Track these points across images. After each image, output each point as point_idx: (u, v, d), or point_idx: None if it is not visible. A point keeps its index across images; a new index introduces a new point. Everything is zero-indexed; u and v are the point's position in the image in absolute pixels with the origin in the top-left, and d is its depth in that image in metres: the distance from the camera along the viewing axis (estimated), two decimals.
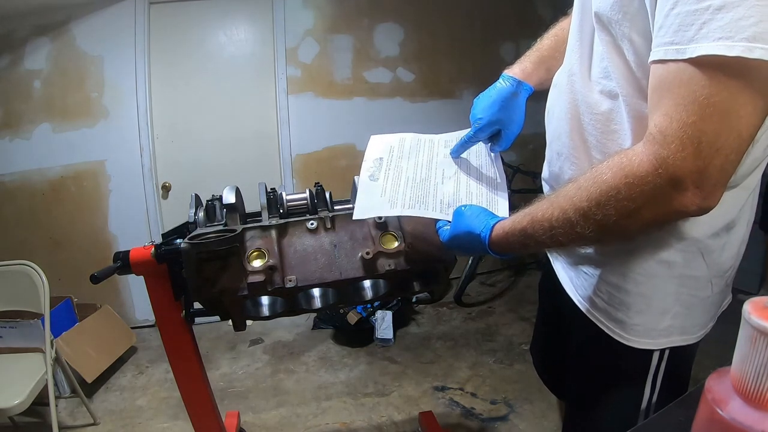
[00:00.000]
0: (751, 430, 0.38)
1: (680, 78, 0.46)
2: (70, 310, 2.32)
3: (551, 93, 0.79)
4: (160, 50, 2.61)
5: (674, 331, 0.69)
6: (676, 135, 0.46)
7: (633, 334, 0.69)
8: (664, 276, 0.66)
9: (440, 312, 2.86)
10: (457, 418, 1.90)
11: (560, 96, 0.73)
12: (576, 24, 0.68)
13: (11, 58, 2.47)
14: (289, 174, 2.86)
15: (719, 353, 0.54)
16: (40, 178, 2.58)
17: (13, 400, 1.51)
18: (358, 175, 1.00)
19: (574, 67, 0.68)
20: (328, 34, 2.81)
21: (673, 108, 0.47)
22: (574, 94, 0.68)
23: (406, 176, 0.88)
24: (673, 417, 0.58)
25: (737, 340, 0.41)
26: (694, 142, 0.46)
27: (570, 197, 0.56)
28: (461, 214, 0.77)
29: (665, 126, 0.47)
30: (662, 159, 0.47)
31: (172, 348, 1.09)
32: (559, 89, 0.74)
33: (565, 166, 0.72)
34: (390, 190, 0.85)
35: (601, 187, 0.52)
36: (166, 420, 1.95)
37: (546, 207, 0.60)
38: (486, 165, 0.92)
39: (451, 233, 0.78)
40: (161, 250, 0.93)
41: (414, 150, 0.94)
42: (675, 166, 0.47)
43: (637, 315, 0.68)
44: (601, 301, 0.72)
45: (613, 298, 0.70)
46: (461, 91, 3.07)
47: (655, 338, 0.69)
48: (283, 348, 2.53)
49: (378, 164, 0.89)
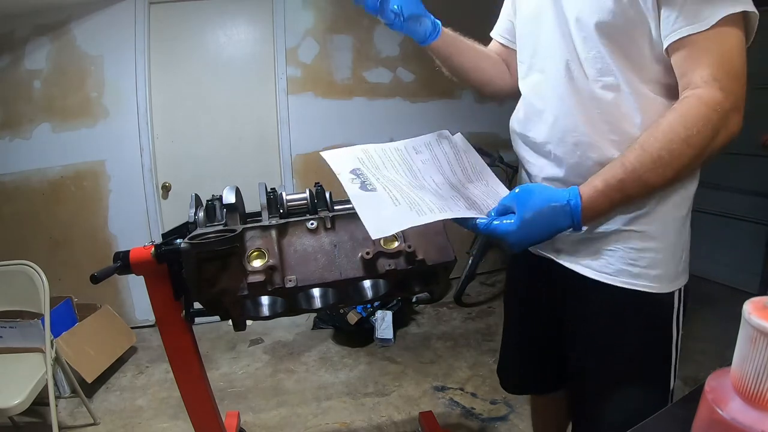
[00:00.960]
0: (751, 430, 0.38)
1: (710, 40, 0.64)
2: (70, 310, 2.32)
3: (530, 100, 0.86)
4: (160, 50, 2.61)
5: (685, 269, 0.84)
6: (723, 75, 0.64)
7: (665, 282, 0.81)
8: (678, 227, 0.81)
9: (440, 312, 2.86)
10: (457, 418, 1.90)
11: (558, 98, 0.80)
12: (557, 36, 0.77)
13: (11, 58, 2.47)
14: (289, 174, 2.86)
15: (719, 353, 0.54)
16: (40, 178, 2.58)
17: (13, 400, 1.51)
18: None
19: (574, 71, 0.76)
20: (328, 34, 2.81)
21: (713, 60, 0.64)
22: (578, 93, 0.77)
23: (400, 183, 0.76)
24: (673, 417, 0.58)
25: (737, 340, 0.41)
26: (733, 76, 0.64)
27: (663, 137, 0.65)
28: (530, 192, 0.69)
29: (713, 73, 0.64)
30: (724, 92, 0.64)
31: (172, 348, 1.09)
32: (553, 92, 0.80)
33: (587, 153, 0.78)
34: (403, 198, 0.72)
35: (696, 117, 0.64)
36: (166, 420, 1.95)
37: (637, 154, 0.66)
38: (467, 163, 0.88)
39: (521, 218, 0.68)
40: (161, 250, 0.93)
41: (386, 159, 0.82)
42: (732, 94, 0.64)
43: (664, 265, 0.81)
44: (634, 268, 0.80)
45: (643, 260, 0.80)
46: (461, 91, 3.07)
47: (676, 280, 0.82)
48: (283, 348, 2.53)
49: (359, 175, 0.76)
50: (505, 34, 1.01)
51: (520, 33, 0.91)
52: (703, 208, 2.99)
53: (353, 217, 0.94)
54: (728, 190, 2.83)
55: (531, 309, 1.07)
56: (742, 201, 2.77)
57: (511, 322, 1.17)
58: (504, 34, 1.02)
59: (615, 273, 0.82)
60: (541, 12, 0.81)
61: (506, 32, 1.01)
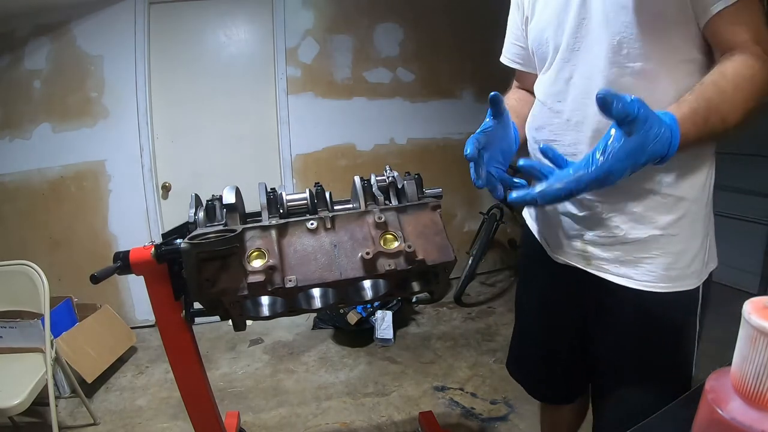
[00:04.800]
0: (751, 430, 0.38)
1: (741, 9, 0.68)
2: (70, 310, 2.32)
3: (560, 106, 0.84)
4: (160, 50, 2.61)
5: (711, 257, 0.86)
6: (762, 39, 0.69)
7: (696, 278, 0.83)
8: (706, 225, 0.83)
9: (440, 312, 2.86)
10: (457, 418, 1.90)
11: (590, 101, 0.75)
12: (601, 30, 0.76)
13: (11, 58, 2.47)
14: (289, 174, 2.87)
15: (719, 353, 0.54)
16: (40, 178, 2.58)
17: (13, 400, 1.51)
18: (357, 176, 1.00)
19: (616, 63, 0.75)
20: (328, 34, 2.81)
21: (749, 28, 0.69)
22: (619, 75, 0.75)
23: None
24: (673, 417, 0.58)
25: (737, 340, 0.41)
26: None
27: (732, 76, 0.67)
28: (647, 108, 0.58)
29: (753, 37, 0.69)
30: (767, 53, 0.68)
31: (172, 348, 1.09)
32: (587, 95, 0.78)
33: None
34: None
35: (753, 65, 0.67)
36: (166, 420, 1.95)
37: (714, 92, 0.67)
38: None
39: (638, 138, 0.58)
40: (161, 250, 0.93)
41: None
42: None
43: (698, 263, 0.83)
44: (673, 271, 0.82)
45: (681, 262, 0.82)
46: (461, 91, 3.07)
47: (704, 271, 0.84)
48: (283, 348, 2.53)
49: None
50: (517, 59, 1.02)
51: (540, 37, 0.87)
52: None
53: (353, 217, 0.94)
54: (728, 190, 2.83)
55: (554, 319, 1.04)
56: (742, 201, 2.77)
57: (529, 327, 1.14)
58: (517, 60, 1.02)
59: (655, 280, 0.82)
60: (569, 4, 0.79)
61: (518, 57, 1.01)
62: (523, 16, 0.94)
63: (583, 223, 0.86)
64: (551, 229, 0.95)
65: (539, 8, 0.87)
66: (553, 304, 1.03)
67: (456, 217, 3.25)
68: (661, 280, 0.82)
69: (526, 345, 1.16)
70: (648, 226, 0.80)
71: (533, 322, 1.12)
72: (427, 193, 1.02)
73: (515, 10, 0.98)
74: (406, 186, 0.99)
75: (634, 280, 0.83)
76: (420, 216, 0.95)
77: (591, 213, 0.84)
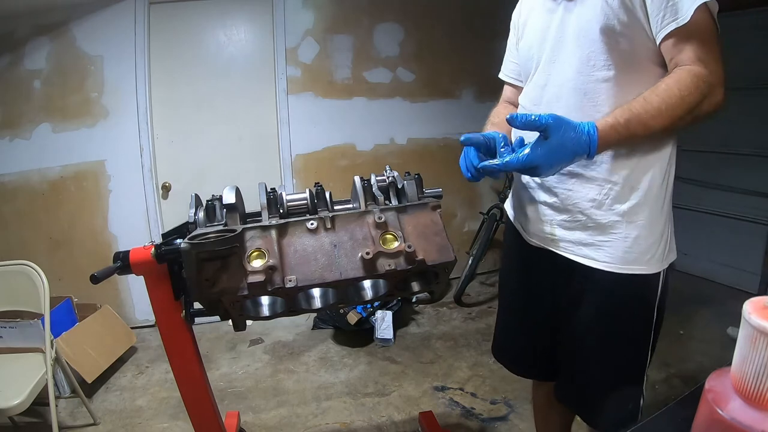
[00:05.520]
0: (751, 430, 0.38)
1: (690, 31, 0.78)
2: (70, 310, 2.32)
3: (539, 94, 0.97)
4: (160, 50, 2.61)
5: (671, 249, 0.96)
6: (705, 56, 0.78)
7: (654, 264, 0.93)
8: (664, 216, 0.93)
9: (440, 312, 2.86)
10: (457, 418, 1.90)
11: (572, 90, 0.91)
12: (571, 43, 0.90)
13: (11, 58, 2.47)
14: (289, 174, 2.86)
15: (719, 353, 0.54)
16: (40, 178, 2.58)
17: (13, 400, 1.51)
18: (357, 176, 1.01)
19: (583, 73, 0.88)
20: (328, 34, 2.81)
21: (696, 45, 0.78)
22: (586, 83, 0.88)
23: None
24: (673, 417, 0.58)
25: (737, 340, 0.41)
26: (713, 58, 0.79)
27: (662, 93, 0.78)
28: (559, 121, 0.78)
29: (698, 54, 0.78)
30: (708, 69, 0.78)
31: (172, 348, 1.09)
32: (557, 99, 0.93)
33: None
34: None
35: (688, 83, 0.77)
36: (166, 420, 1.95)
37: (641, 103, 0.79)
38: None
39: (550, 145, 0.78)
40: (161, 250, 0.93)
41: None
42: (714, 72, 0.78)
43: (654, 250, 0.92)
44: (630, 255, 0.92)
45: (637, 247, 0.92)
46: (461, 91, 3.07)
47: (663, 261, 0.94)
48: (283, 348, 2.53)
49: None
50: (513, 74, 1.15)
51: (527, 54, 1.01)
52: (703, 208, 2.99)
53: (353, 217, 0.94)
54: (728, 190, 2.83)
55: (532, 300, 1.13)
56: (742, 201, 2.77)
57: (510, 309, 1.23)
58: (512, 75, 1.15)
59: (614, 261, 0.93)
60: (549, 27, 0.93)
61: (513, 73, 1.15)
62: (516, 37, 1.10)
63: (552, 209, 0.98)
64: (526, 215, 1.07)
65: (528, 30, 1.01)
66: (531, 286, 1.13)
67: (456, 217, 3.25)
68: (619, 262, 0.92)
69: (509, 327, 1.25)
70: (608, 212, 0.91)
71: (513, 304, 1.22)
72: (427, 193, 1.03)
73: (512, 32, 1.13)
74: (406, 186, 1.00)
75: (595, 261, 0.94)
76: (420, 216, 0.95)
77: (559, 200, 0.96)
